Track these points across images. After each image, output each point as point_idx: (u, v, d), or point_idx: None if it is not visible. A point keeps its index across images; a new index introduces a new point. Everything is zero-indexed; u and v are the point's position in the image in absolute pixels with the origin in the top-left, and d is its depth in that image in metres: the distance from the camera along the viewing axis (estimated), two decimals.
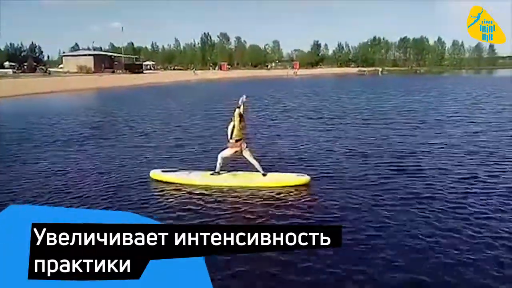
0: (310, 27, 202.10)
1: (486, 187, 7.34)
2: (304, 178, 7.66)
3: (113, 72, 72.57)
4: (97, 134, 13.55)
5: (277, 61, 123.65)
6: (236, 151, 7.77)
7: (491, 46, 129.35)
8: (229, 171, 8.01)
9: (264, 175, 7.69)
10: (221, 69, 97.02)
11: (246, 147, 7.81)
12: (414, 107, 20.48)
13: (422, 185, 7.47)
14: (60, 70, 75.87)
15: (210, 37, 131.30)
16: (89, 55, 79.51)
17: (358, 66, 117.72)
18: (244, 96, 7.77)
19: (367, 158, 9.70)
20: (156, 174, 8.03)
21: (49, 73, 67.22)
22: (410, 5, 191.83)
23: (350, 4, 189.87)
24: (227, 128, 7.81)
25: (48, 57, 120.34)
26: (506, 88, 34.82)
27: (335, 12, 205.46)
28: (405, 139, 11.98)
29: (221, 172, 7.85)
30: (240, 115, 7.60)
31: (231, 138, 7.70)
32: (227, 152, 7.83)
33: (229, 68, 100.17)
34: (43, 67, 77.04)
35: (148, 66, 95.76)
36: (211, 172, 7.86)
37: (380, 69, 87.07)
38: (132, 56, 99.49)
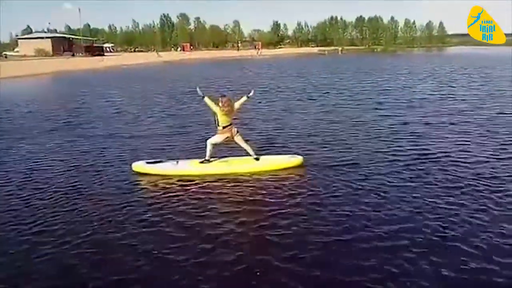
0: (268, 8, 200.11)
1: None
2: (297, 160, 7.28)
3: (73, 55, 68.56)
4: (75, 122, 12.23)
5: (239, 41, 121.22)
6: (227, 137, 7.18)
7: (441, 23, 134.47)
8: (220, 158, 7.39)
9: (257, 159, 7.21)
10: (183, 50, 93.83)
11: (238, 132, 7.25)
12: (390, 86, 19.74)
13: (419, 165, 7.11)
14: (16, 54, 70.70)
15: (170, 18, 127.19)
16: (47, 37, 74.66)
17: (317, 46, 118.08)
18: (252, 91, 7.44)
19: (358, 138, 9.37)
20: (139, 166, 7.15)
21: (6, 57, 62.56)
22: None
23: None
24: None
25: None
26: (465, 64, 35.75)
27: None
28: (393, 118, 11.54)
29: (211, 159, 7.25)
30: (223, 102, 6.95)
31: (218, 125, 7.13)
32: (216, 139, 7.20)
33: (191, 49, 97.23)
34: None
35: (108, 49, 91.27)
36: (201, 160, 7.21)
37: (340, 49, 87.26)
38: (91, 38, 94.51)
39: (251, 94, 7.34)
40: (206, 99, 7.17)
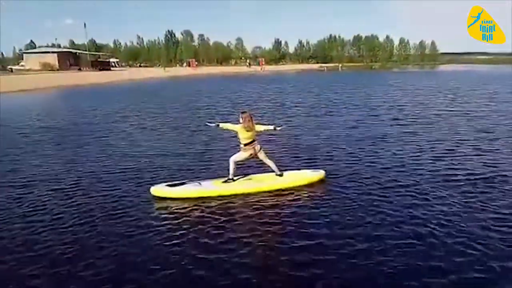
0: (270, 25, 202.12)
1: None
2: (319, 174, 7.07)
3: (79, 69, 68.43)
4: (89, 139, 11.53)
5: (242, 58, 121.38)
6: (250, 154, 6.85)
7: (433, 43, 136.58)
8: (243, 176, 7.02)
9: (280, 175, 6.92)
10: (189, 65, 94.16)
11: (261, 148, 6.91)
12: (404, 103, 18.99)
13: (446, 183, 6.75)
14: (21, 68, 70.26)
15: (174, 35, 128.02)
16: (53, 52, 74.62)
17: (317, 62, 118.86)
18: (282, 127, 7.36)
19: (379, 152, 9.08)
20: (158, 190, 6.49)
21: (11, 71, 62.26)
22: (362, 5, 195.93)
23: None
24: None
25: (2, 54, 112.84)
26: (464, 81, 35.76)
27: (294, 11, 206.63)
28: (414, 134, 11.12)
29: (235, 178, 6.80)
30: (244, 118, 6.65)
31: (240, 143, 6.84)
32: (240, 156, 6.86)
33: (196, 65, 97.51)
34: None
35: (114, 63, 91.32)
36: (224, 179, 6.81)
37: (340, 65, 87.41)
38: (97, 53, 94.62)
39: (279, 128, 7.08)
40: (221, 125, 6.88)
